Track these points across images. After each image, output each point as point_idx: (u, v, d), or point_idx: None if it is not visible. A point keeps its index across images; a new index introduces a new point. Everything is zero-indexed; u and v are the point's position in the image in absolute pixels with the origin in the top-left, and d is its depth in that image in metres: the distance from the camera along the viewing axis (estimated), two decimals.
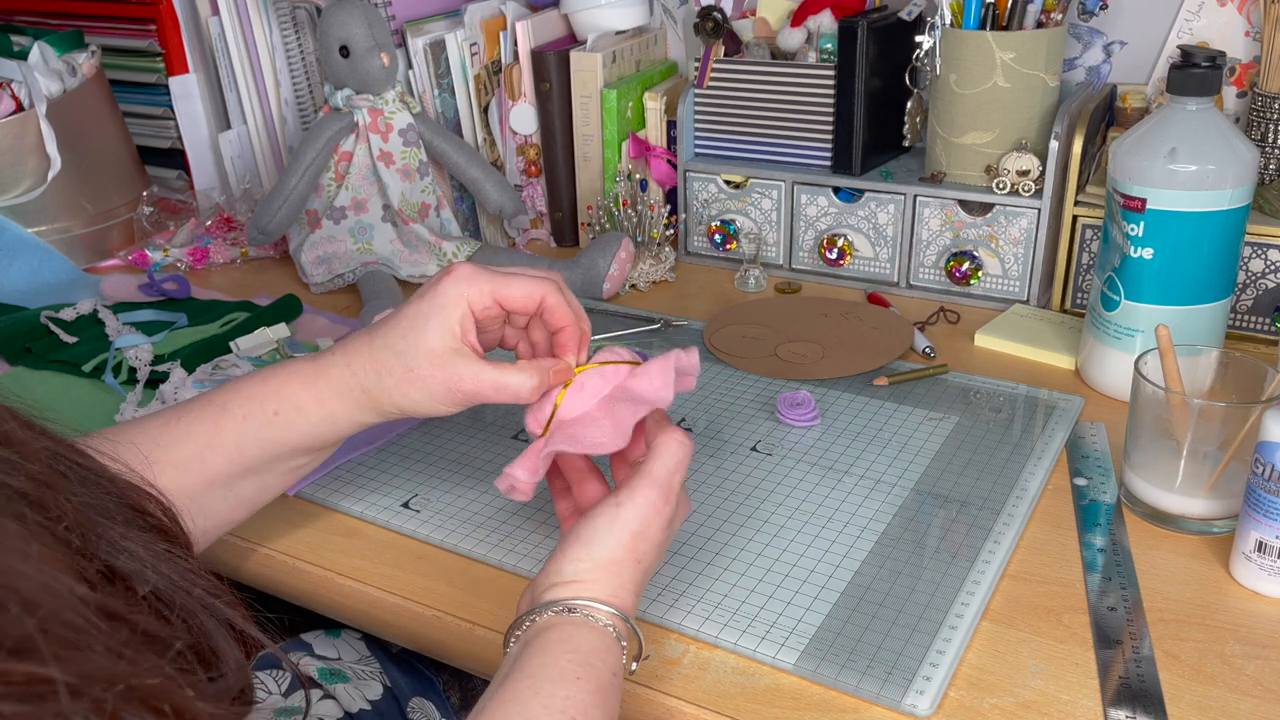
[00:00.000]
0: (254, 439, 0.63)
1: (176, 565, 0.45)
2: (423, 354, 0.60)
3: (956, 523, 0.72)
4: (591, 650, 0.53)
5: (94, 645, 0.34)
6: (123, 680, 0.33)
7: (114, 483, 0.48)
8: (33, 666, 0.30)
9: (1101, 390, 0.89)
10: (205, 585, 0.46)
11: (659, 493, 0.57)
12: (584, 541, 0.56)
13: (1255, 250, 0.93)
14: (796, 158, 1.14)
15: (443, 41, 1.20)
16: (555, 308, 0.63)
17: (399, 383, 0.61)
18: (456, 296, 0.60)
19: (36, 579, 0.34)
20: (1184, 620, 0.64)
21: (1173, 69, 0.80)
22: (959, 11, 1.02)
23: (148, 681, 0.34)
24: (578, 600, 0.54)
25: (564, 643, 0.52)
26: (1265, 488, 0.63)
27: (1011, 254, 1.04)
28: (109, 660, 0.34)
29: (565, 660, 0.52)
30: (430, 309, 0.60)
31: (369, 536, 0.75)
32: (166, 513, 0.51)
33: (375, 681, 0.76)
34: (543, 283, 0.62)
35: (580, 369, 0.64)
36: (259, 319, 1.04)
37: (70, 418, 0.89)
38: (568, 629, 0.53)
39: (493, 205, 1.19)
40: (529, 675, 0.51)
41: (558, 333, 0.64)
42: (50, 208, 1.21)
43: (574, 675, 0.51)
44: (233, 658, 0.45)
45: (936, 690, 0.58)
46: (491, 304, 0.61)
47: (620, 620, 0.55)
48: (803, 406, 0.85)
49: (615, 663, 0.54)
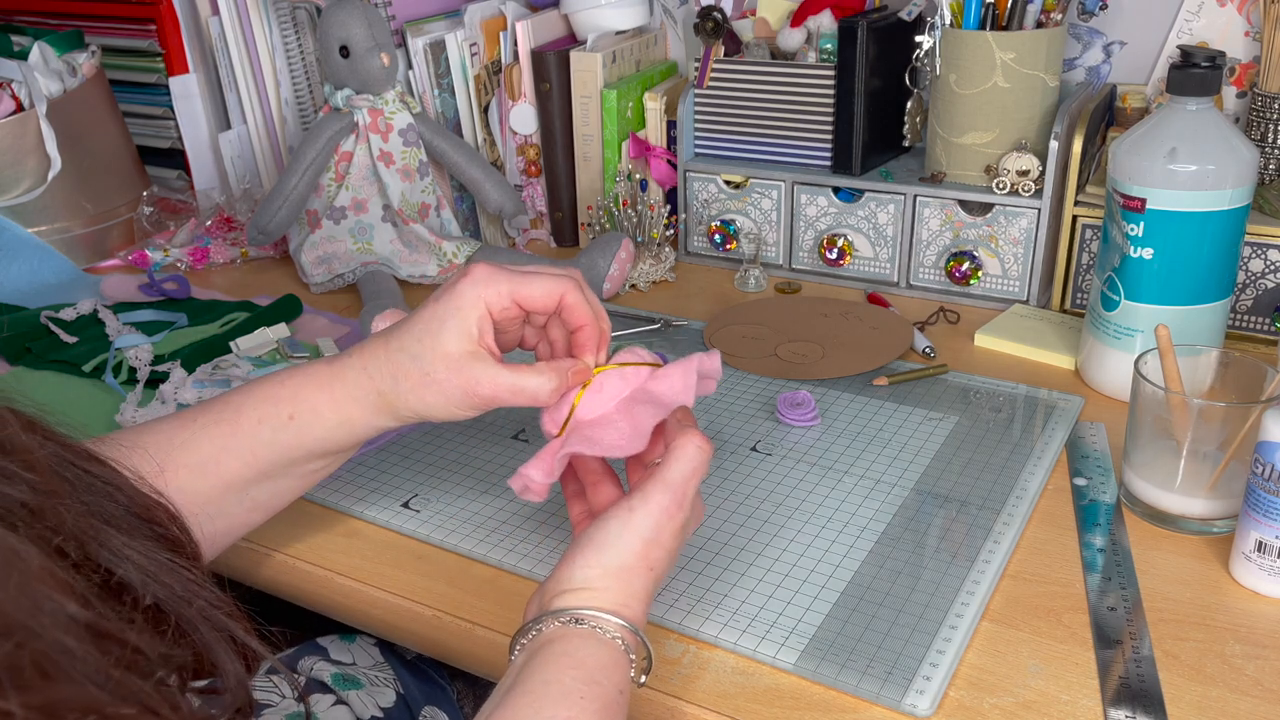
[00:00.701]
0: (269, 443, 0.62)
1: (179, 576, 0.44)
2: (439, 358, 0.59)
3: (956, 523, 0.72)
4: (598, 666, 0.51)
5: (72, 672, 0.33)
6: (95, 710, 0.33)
7: (121, 490, 0.47)
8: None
9: (1101, 390, 0.89)
10: (208, 597, 0.46)
11: (673, 498, 0.55)
12: (595, 546, 0.55)
13: (1255, 250, 0.93)
14: (796, 158, 1.14)
15: (443, 41, 1.20)
16: (575, 306, 0.61)
17: (415, 387, 0.60)
18: (474, 299, 0.59)
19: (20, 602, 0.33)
20: (1184, 620, 0.64)
21: (1173, 69, 0.80)
22: (959, 11, 1.02)
23: (123, 711, 0.34)
24: (586, 610, 0.53)
25: (569, 657, 0.51)
26: (1265, 488, 0.63)
27: (1011, 254, 1.04)
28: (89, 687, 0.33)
29: (569, 677, 0.50)
30: (446, 311, 0.59)
31: (369, 536, 0.75)
32: (174, 521, 0.50)
33: (388, 689, 0.75)
34: (562, 280, 0.61)
35: (599, 369, 0.63)
36: (259, 319, 1.04)
37: (70, 418, 0.88)
38: (574, 642, 0.52)
39: (493, 205, 1.19)
40: (531, 692, 0.49)
41: (576, 332, 0.63)
42: (50, 208, 1.21)
43: (578, 694, 0.49)
44: (233, 672, 0.44)
45: (936, 690, 0.58)
46: (510, 305, 0.60)
47: (629, 633, 0.53)
48: (803, 406, 0.85)
49: (622, 679, 0.52)
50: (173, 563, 0.45)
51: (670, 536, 0.56)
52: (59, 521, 0.39)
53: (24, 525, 0.37)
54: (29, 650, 0.32)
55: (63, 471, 0.43)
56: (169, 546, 0.48)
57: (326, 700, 0.71)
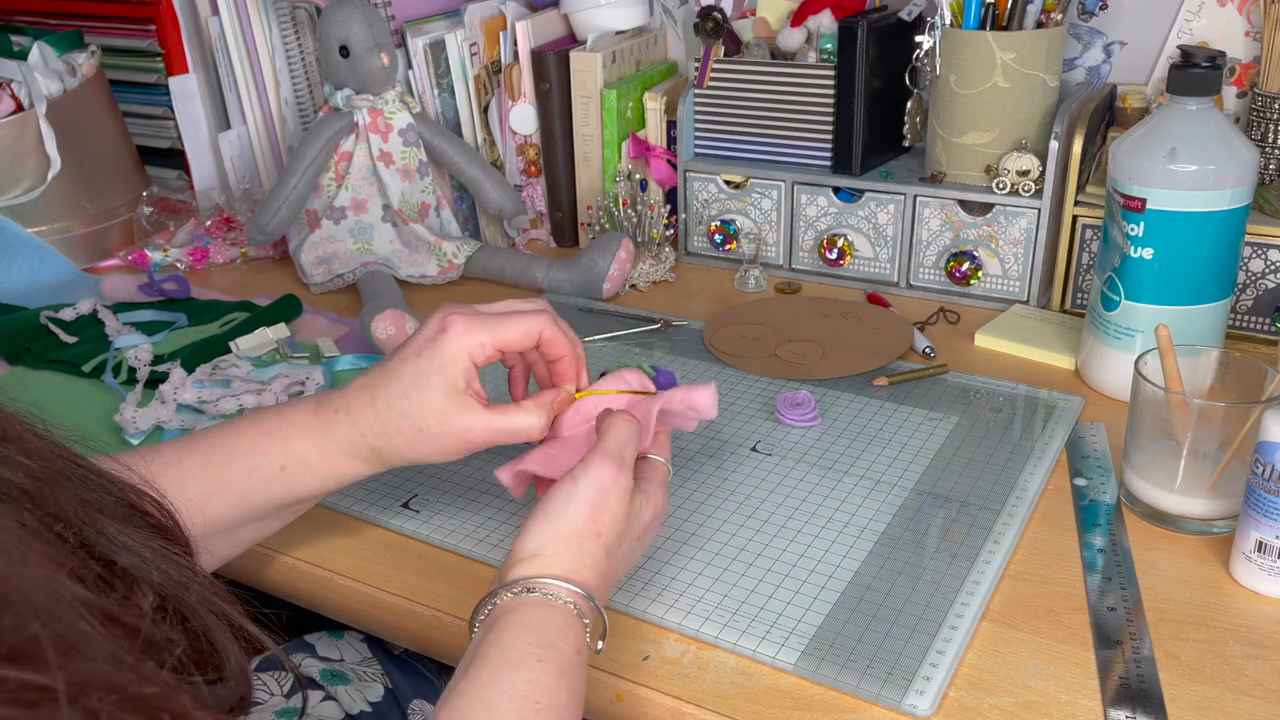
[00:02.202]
0: (260, 491, 0.63)
1: (174, 563, 0.44)
2: (430, 414, 0.61)
3: (956, 523, 0.72)
4: (552, 630, 0.53)
5: (93, 651, 0.34)
6: (119, 688, 0.33)
7: (113, 481, 0.47)
8: (29, 673, 0.30)
9: (1101, 390, 0.89)
10: (203, 584, 0.46)
11: (612, 462, 0.58)
12: (544, 516, 0.57)
13: (1255, 250, 0.93)
14: (796, 158, 1.14)
15: (443, 41, 1.20)
16: (552, 340, 0.64)
17: (411, 442, 0.62)
18: (455, 353, 0.61)
19: (38, 582, 0.34)
20: (1184, 620, 0.64)
21: (1173, 69, 0.80)
22: (959, 11, 1.02)
23: (145, 690, 0.34)
24: (538, 578, 0.55)
25: (523, 625, 0.53)
26: (1265, 488, 0.63)
27: (1011, 254, 1.04)
28: (107, 667, 0.34)
29: (525, 644, 0.52)
30: (431, 368, 0.61)
31: (369, 536, 0.75)
32: (164, 512, 0.50)
33: (377, 683, 0.76)
34: (537, 318, 0.64)
35: (580, 394, 0.67)
36: (259, 319, 1.04)
37: (70, 418, 0.89)
38: (527, 610, 0.53)
39: (493, 205, 1.19)
40: (489, 661, 0.51)
41: (555, 363, 0.66)
42: (50, 208, 1.21)
43: (535, 658, 0.51)
44: (235, 659, 0.45)
45: (936, 690, 0.58)
46: (493, 353, 0.63)
47: (582, 598, 0.55)
48: (803, 406, 0.85)
49: (578, 640, 0.54)
50: (166, 550, 0.45)
51: (617, 501, 0.58)
52: (59, 508, 0.39)
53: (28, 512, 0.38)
54: (56, 629, 0.32)
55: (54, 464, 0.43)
56: (162, 535, 0.48)
57: (315, 696, 0.72)
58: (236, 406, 0.89)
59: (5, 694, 0.30)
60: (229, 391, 0.91)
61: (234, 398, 0.89)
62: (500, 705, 0.49)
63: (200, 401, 0.90)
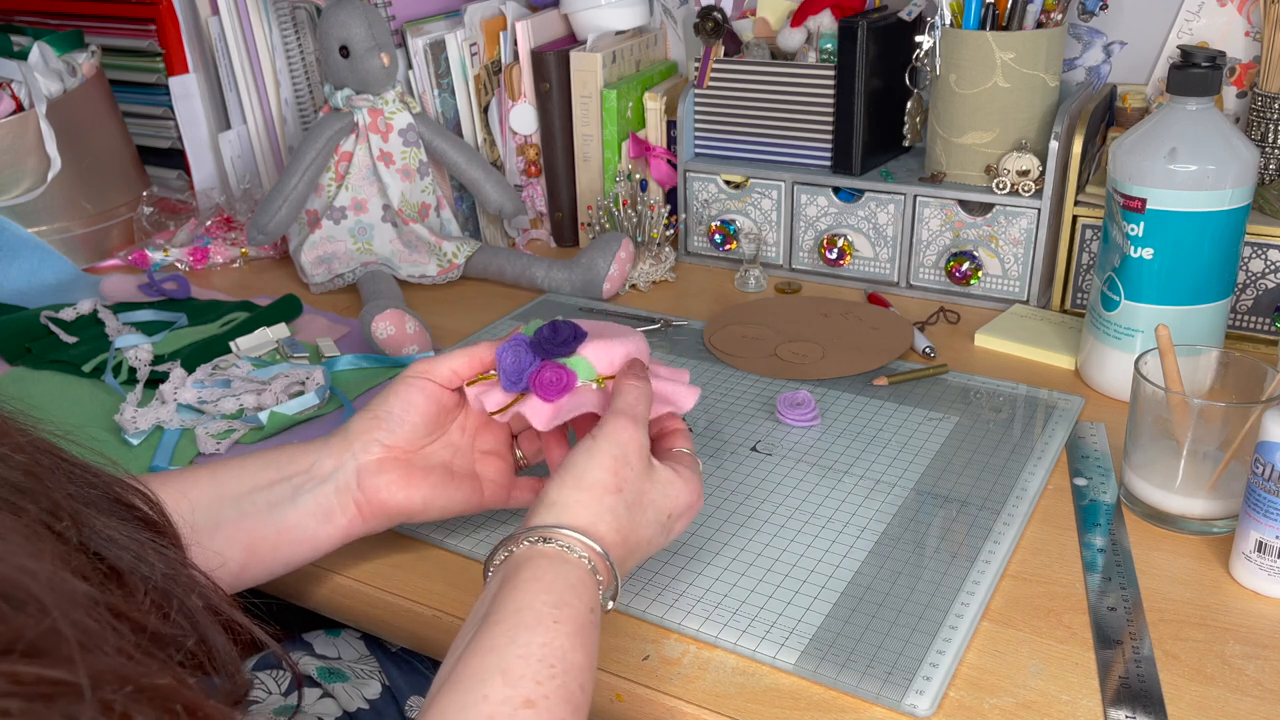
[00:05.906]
0: (268, 559, 0.65)
1: (165, 558, 0.44)
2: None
3: (956, 523, 0.72)
4: (566, 587, 0.53)
5: (104, 645, 0.34)
6: (133, 680, 0.33)
7: (98, 476, 0.47)
8: (44, 668, 0.30)
9: (1101, 390, 0.89)
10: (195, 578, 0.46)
11: (629, 419, 0.60)
12: (567, 469, 0.58)
13: (1255, 250, 0.93)
14: (796, 158, 1.14)
15: (443, 41, 1.20)
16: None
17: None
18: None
19: (47, 578, 0.34)
20: (1184, 620, 0.64)
21: (1173, 69, 0.80)
22: (959, 11, 1.02)
23: (158, 682, 0.34)
24: (556, 527, 0.55)
25: (538, 581, 0.53)
26: (1265, 488, 0.63)
27: (1011, 254, 1.04)
28: (119, 660, 0.34)
29: (540, 602, 0.51)
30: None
31: (369, 537, 0.74)
32: (153, 507, 0.50)
33: (374, 680, 0.76)
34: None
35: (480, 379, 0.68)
36: (259, 319, 1.04)
37: (70, 418, 0.89)
38: (541, 564, 0.53)
39: (493, 205, 1.19)
40: (504, 621, 0.51)
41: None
42: (50, 208, 1.21)
43: (551, 619, 0.51)
44: (230, 656, 0.45)
45: (936, 690, 0.58)
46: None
47: (597, 554, 0.55)
48: (803, 406, 0.85)
49: (592, 597, 0.54)
50: (156, 544, 0.45)
51: (637, 457, 0.59)
52: (53, 505, 0.39)
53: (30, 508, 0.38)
54: (68, 624, 0.32)
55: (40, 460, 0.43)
56: (150, 528, 0.47)
57: (313, 694, 0.72)
58: (237, 406, 0.89)
59: (24, 689, 0.30)
60: (229, 391, 0.91)
61: (234, 398, 0.89)
62: (517, 670, 0.49)
63: (200, 401, 0.90)
